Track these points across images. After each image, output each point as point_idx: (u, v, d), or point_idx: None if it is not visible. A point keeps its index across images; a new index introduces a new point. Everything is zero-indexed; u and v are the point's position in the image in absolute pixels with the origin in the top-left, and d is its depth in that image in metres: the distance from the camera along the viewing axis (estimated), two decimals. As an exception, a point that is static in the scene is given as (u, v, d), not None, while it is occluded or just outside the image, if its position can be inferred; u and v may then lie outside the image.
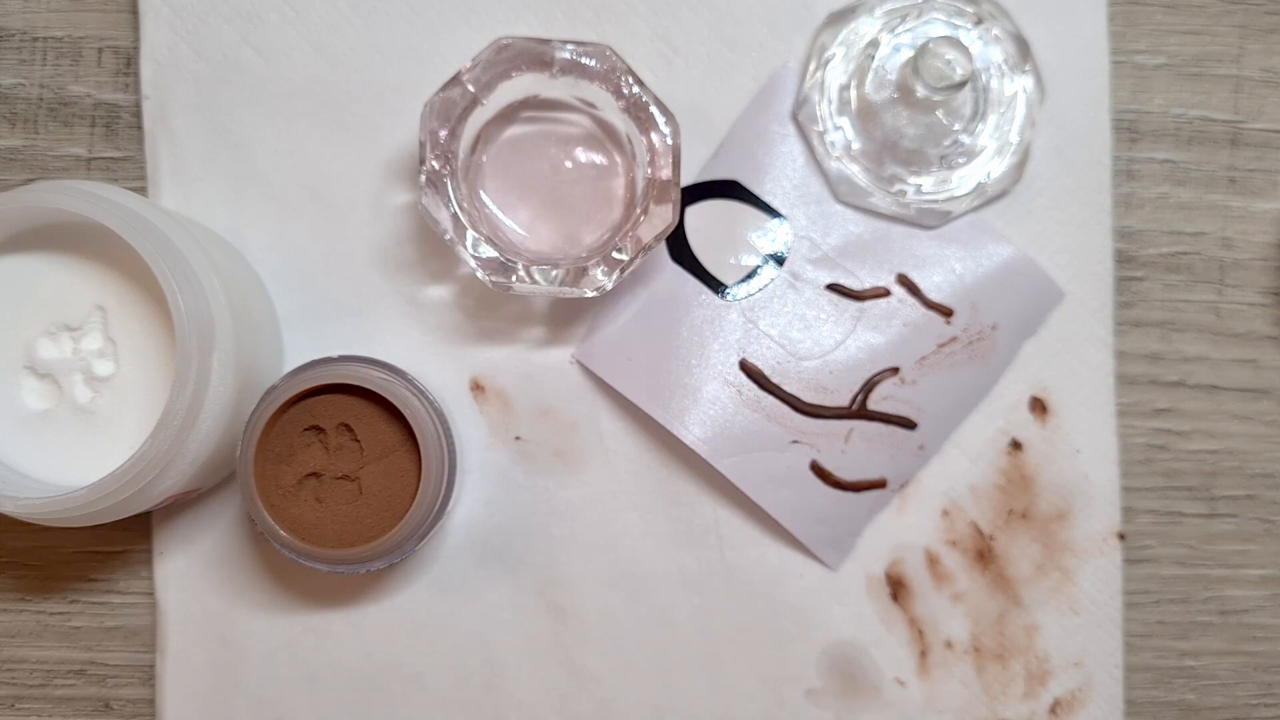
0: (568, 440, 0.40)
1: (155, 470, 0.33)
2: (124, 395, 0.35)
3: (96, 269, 0.35)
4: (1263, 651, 0.42)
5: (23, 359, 0.35)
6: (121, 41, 0.41)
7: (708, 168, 0.40)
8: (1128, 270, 0.41)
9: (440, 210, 0.36)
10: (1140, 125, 0.42)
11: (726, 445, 0.39)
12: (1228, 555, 0.42)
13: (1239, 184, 0.42)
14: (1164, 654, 0.42)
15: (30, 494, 0.33)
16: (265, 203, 0.40)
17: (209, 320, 0.33)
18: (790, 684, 0.40)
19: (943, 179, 0.40)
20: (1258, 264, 0.42)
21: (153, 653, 0.40)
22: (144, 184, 0.40)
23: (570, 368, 0.40)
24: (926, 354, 0.40)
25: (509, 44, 0.36)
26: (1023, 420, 0.41)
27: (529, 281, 0.36)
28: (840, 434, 0.40)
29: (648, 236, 0.36)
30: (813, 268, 0.40)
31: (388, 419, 0.35)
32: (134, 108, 0.41)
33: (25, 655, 0.41)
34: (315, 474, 0.35)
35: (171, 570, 0.40)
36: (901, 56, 0.39)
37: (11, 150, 0.41)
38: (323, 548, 0.35)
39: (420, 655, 0.40)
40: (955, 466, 0.41)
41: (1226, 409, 0.41)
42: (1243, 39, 0.42)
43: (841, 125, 0.40)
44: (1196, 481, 0.42)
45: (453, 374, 0.40)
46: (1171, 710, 0.42)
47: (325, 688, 0.40)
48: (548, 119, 0.39)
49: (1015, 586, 0.41)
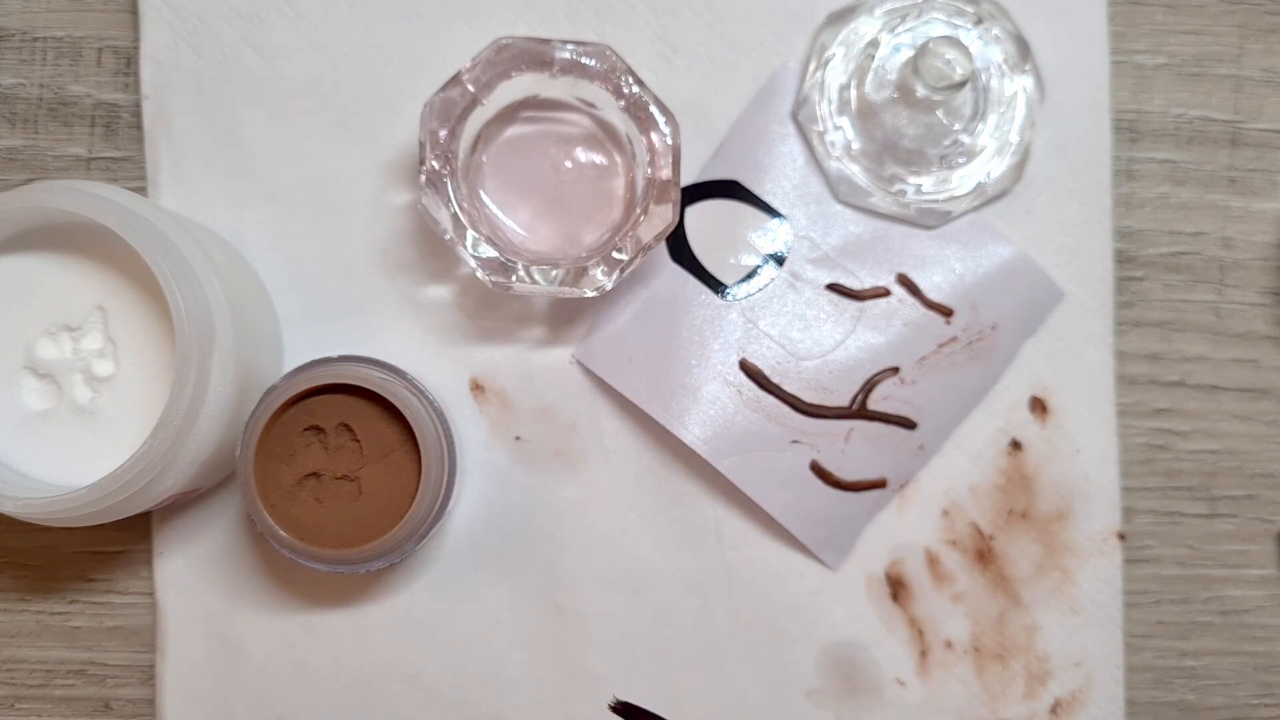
0: (568, 440, 0.40)
1: (155, 470, 0.33)
2: (124, 395, 0.35)
3: (96, 269, 0.35)
4: (1263, 651, 0.42)
5: (23, 359, 0.35)
6: (121, 41, 0.41)
7: (708, 168, 0.40)
8: (1128, 270, 0.41)
9: (440, 210, 0.36)
10: (1140, 125, 0.42)
11: (726, 445, 0.39)
12: (1228, 555, 0.42)
13: (1239, 184, 0.42)
14: (1164, 654, 0.42)
15: (30, 494, 0.33)
16: (265, 203, 0.40)
17: (209, 320, 0.33)
18: (790, 684, 0.40)
19: (943, 179, 0.40)
20: (1258, 264, 0.42)
21: (153, 653, 0.40)
22: (144, 184, 0.40)
23: (570, 368, 0.40)
24: (926, 354, 0.40)
25: (509, 44, 0.36)
26: (1023, 420, 0.41)
27: (529, 281, 0.36)
28: (840, 434, 0.40)
29: (648, 236, 0.36)
30: (813, 268, 0.40)
31: (388, 419, 0.35)
32: (134, 108, 0.41)
33: (25, 655, 0.41)
34: (315, 474, 0.35)
35: (171, 570, 0.40)
36: (901, 56, 0.39)
37: (11, 150, 0.41)
38: (323, 548, 0.35)
39: (420, 655, 0.40)
40: (955, 466, 0.41)
41: (1227, 409, 0.41)
42: (1243, 39, 0.42)
43: (841, 125, 0.40)
44: (1196, 481, 0.42)
45: (453, 374, 0.40)
46: (1171, 710, 0.42)
47: (325, 688, 0.40)
48: (548, 119, 0.39)
49: (1015, 586, 0.41)
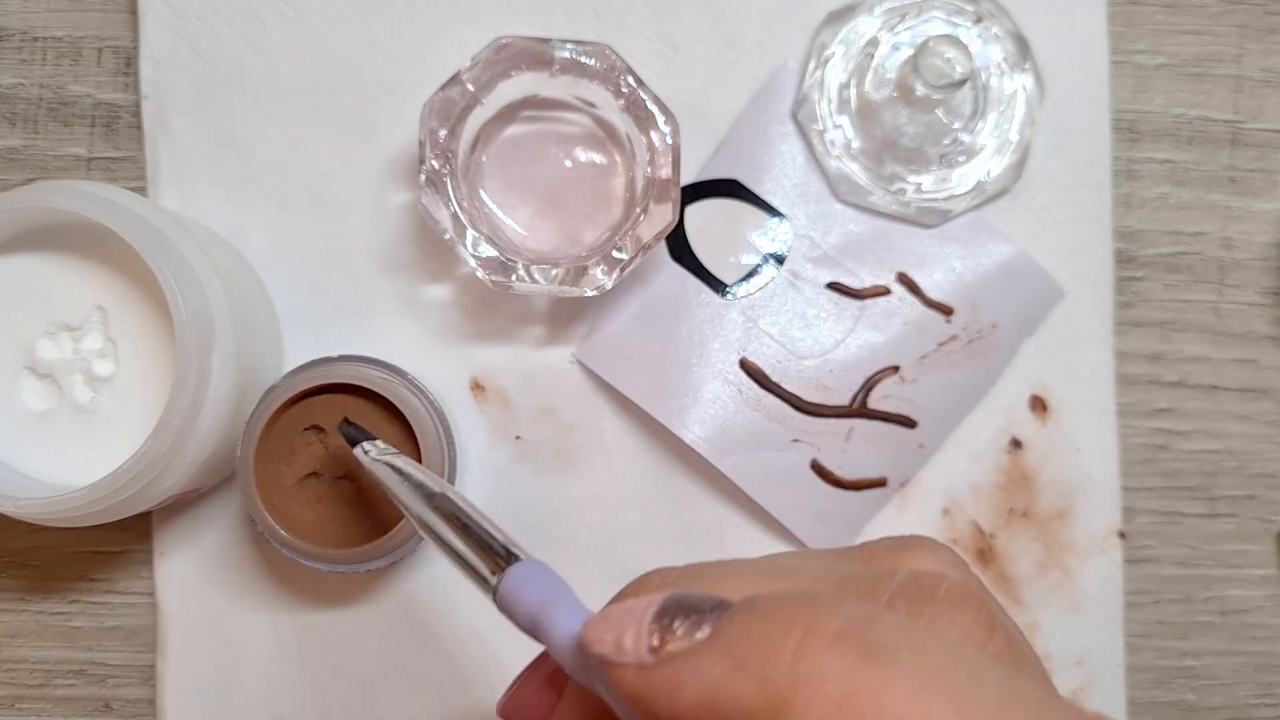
0: (568, 440, 0.40)
1: (155, 470, 0.32)
2: (124, 395, 0.35)
3: (96, 269, 0.35)
4: (1263, 651, 0.42)
5: (23, 359, 0.35)
6: (121, 41, 0.41)
7: (707, 167, 0.40)
8: (1128, 270, 0.41)
9: (440, 210, 0.36)
10: (1140, 125, 0.42)
11: (727, 444, 0.39)
12: (1228, 555, 0.42)
13: (1239, 184, 0.42)
14: (1164, 654, 0.42)
15: (30, 494, 0.33)
16: (265, 203, 0.40)
17: (209, 320, 0.33)
18: (791, 684, 0.40)
19: (942, 177, 0.40)
20: (1258, 264, 0.42)
21: (153, 653, 0.40)
22: (144, 184, 0.40)
23: (570, 367, 0.40)
24: (927, 352, 0.40)
25: (508, 43, 0.36)
26: (1023, 419, 0.41)
27: (529, 281, 0.36)
28: (841, 433, 0.40)
29: (648, 236, 0.36)
30: (813, 266, 0.40)
31: (388, 419, 0.35)
32: (134, 108, 0.41)
33: (25, 655, 0.41)
34: (315, 474, 0.35)
35: (171, 570, 0.40)
36: (901, 55, 0.39)
37: (11, 150, 0.41)
38: (323, 548, 0.35)
39: (420, 655, 0.40)
40: (956, 465, 0.41)
41: (1227, 409, 0.41)
42: (1243, 39, 0.42)
43: (841, 124, 0.40)
44: (1196, 481, 0.42)
45: (453, 374, 0.40)
46: (1171, 710, 0.42)
47: (325, 688, 0.40)
48: (547, 118, 0.39)
49: (1016, 585, 0.41)
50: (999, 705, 0.17)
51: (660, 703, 0.19)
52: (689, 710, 0.18)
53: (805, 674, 0.17)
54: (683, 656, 0.19)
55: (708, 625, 0.19)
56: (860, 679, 0.17)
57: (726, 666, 0.18)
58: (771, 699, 0.17)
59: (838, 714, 0.17)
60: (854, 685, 0.17)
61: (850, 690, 0.17)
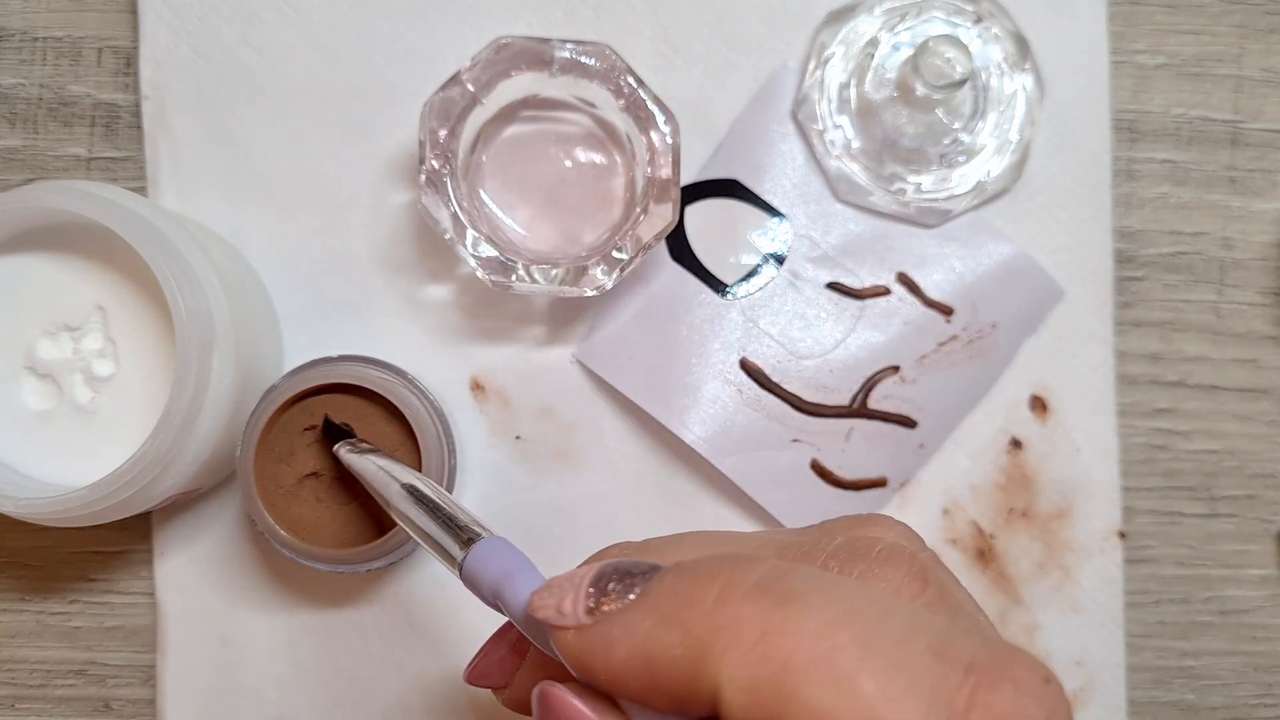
0: (568, 440, 0.40)
1: (155, 470, 0.33)
2: (124, 395, 0.35)
3: (96, 269, 0.35)
4: (1263, 651, 0.42)
5: (23, 359, 0.35)
6: (121, 41, 0.41)
7: (708, 167, 0.40)
8: (1128, 270, 0.41)
9: (440, 210, 0.36)
10: (1140, 125, 0.42)
11: (727, 444, 0.39)
12: (1228, 555, 0.42)
13: (1239, 184, 0.42)
14: (1164, 654, 0.42)
15: (30, 494, 0.33)
16: (265, 203, 0.40)
17: (209, 320, 0.33)
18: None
19: (942, 177, 0.40)
20: (1258, 264, 0.42)
21: (153, 653, 0.40)
22: (144, 184, 0.40)
23: (570, 367, 0.40)
24: (927, 352, 0.40)
25: (508, 43, 0.36)
26: (1023, 419, 0.41)
27: (529, 281, 0.36)
28: (840, 433, 0.40)
29: (648, 236, 0.36)
30: (813, 266, 0.40)
31: (388, 419, 0.35)
32: (134, 108, 0.41)
33: (25, 655, 0.41)
34: (315, 474, 0.35)
35: (171, 570, 0.40)
36: (901, 55, 0.39)
37: (11, 150, 0.41)
38: (323, 548, 0.35)
39: (420, 655, 0.40)
40: (956, 465, 0.41)
41: (1227, 409, 0.41)
42: (1243, 39, 0.42)
43: (841, 124, 0.40)
44: (1196, 481, 0.42)
45: (453, 374, 0.40)
46: (1171, 710, 0.42)
47: (325, 688, 0.40)
48: (547, 118, 0.39)
49: (1016, 585, 0.41)
50: (901, 636, 0.18)
51: (597, 660, 0.20)
52: (622, 664, 0.20)
53: (722, 622, 0.19)
54: (615, 615, 0.20)
55: (639, 587, 0.20)
56: (772, 621, 0.18)
57: (654, 621, 0.19)
58: (693, 647, 0.19)
59: (752, 655, 0.18)
60: (767, 627, 0.18)
61: (763, 631, 0.18)
